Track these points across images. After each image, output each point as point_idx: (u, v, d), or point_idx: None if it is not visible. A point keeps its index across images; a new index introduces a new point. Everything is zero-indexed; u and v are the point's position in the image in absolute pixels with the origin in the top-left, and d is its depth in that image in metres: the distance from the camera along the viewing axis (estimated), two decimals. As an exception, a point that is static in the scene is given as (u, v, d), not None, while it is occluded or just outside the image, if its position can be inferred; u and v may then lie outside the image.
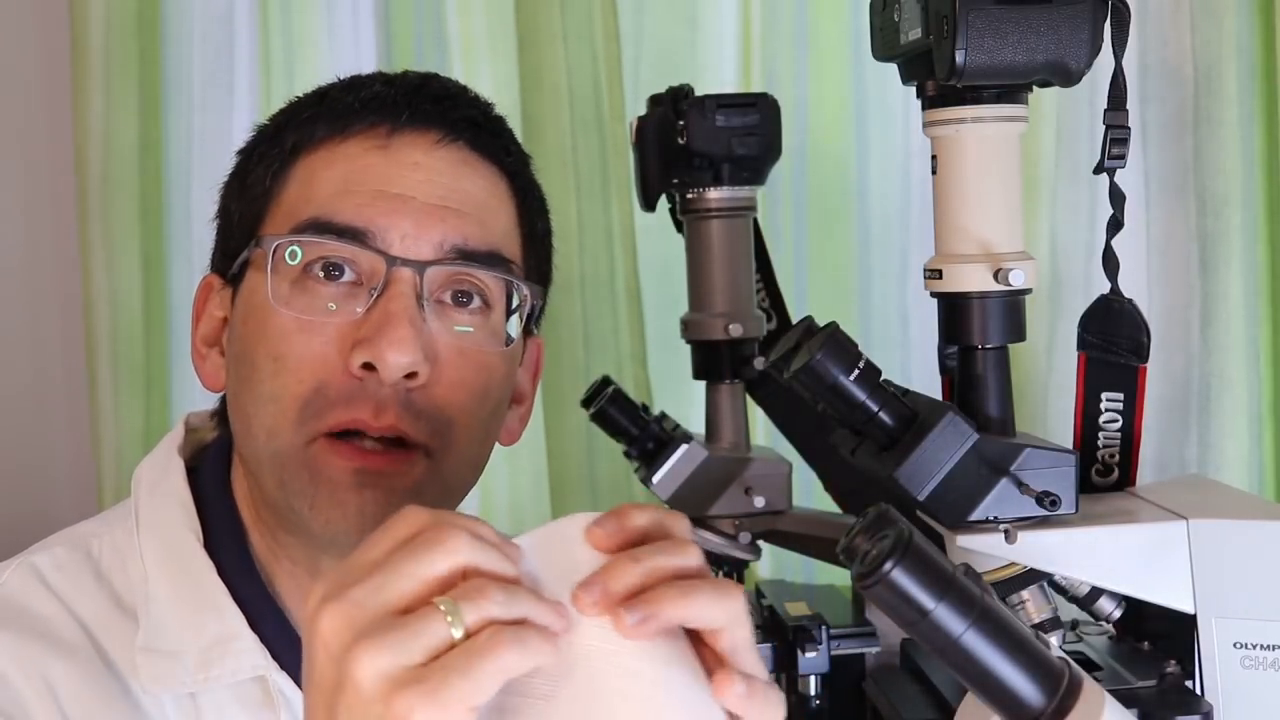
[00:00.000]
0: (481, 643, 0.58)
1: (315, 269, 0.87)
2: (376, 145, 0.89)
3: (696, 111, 1.13)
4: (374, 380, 0.84)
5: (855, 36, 1.57)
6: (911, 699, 1.00)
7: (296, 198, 0.90)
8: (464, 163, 0.91)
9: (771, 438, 1.44)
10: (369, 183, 0.88)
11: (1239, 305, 1.40)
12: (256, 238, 0.89)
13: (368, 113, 0.90)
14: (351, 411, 0.84)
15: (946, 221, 0.89)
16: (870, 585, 0.68)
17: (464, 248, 0.88)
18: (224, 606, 0.88)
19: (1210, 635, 0.86)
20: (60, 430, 1.83)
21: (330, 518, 0.85)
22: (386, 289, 0.85)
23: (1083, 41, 0.84)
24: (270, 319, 0.87)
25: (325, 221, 0.87)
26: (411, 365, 0.84)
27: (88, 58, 1.69)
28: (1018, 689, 0.69)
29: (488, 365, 0.90)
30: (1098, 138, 0.97)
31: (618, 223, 1.61)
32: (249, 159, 0.94)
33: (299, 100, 0.96)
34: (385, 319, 0.84)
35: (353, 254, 0.86)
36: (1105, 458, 0.96)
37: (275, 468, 0.86)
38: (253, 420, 0.87)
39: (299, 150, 0.91)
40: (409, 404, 0.85)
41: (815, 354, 0.82)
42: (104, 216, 1.70)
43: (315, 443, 0.85)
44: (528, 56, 1.63)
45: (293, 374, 0.85)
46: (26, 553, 0.90)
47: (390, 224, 0.87)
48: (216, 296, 0.95)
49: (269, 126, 0.95)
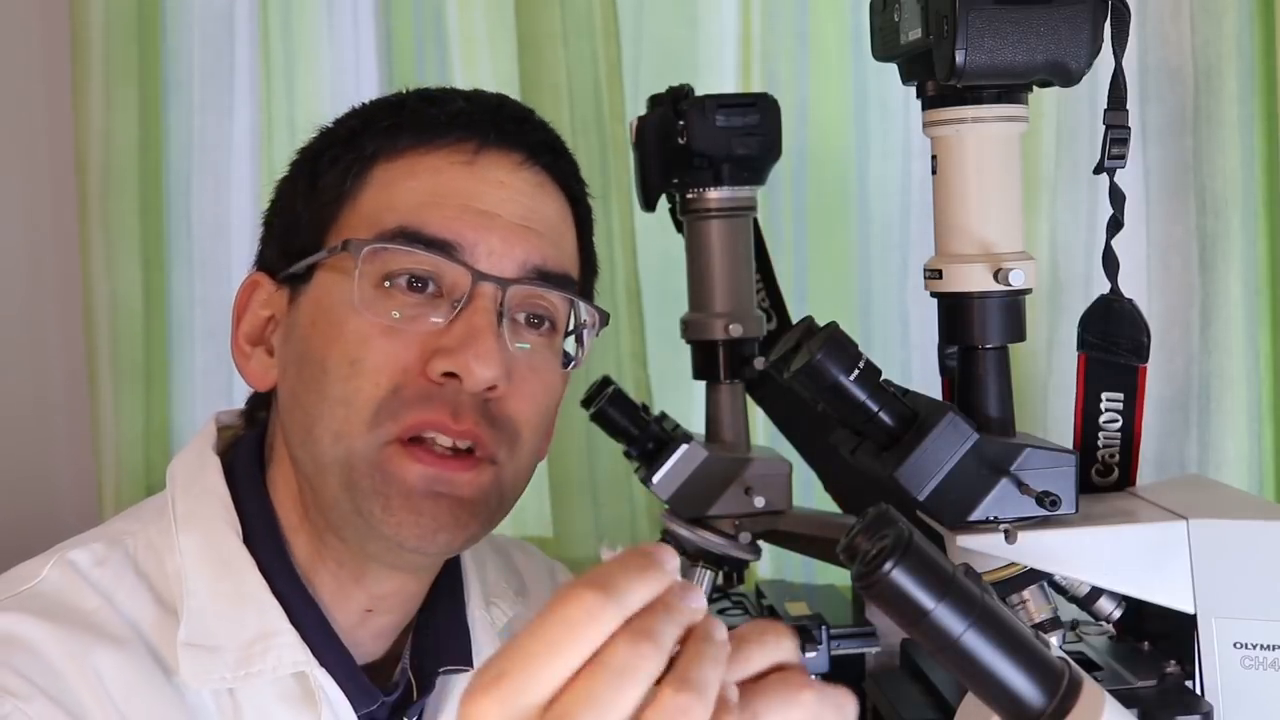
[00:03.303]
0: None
1: (400, 278, 0.88)
2: (463, 161, 0.91)
3: (696, 111, 1.13)
4: (453, 387, 0.86)
5: (855, 36, 1.57)
6: (911, 699, 1.00)
7: (378, 204, 0.90)
8: (541, 186, 0.94)
9: (771, 438, 1.44)
10: (456, 196, 0.89)
11: (1239, 305, 1.40)
12: (343, 241, 0.89)
13: (455, 128, 0.92)
14: (430, 412, 0.86)
15: (946, 221, 0.89)
16: (870, 585, 0.68)
17: (543, 268, 0.91)
18: (265, 603, 0.89)
19: (1210, 635, 0.86)
20: (60, 430, 1.83)
21: (403, 521, 0.86)
22: (471, 302, 0.87)
23: (1083, 41, 0.84)
24: (347, 322, 0.88)
25: (414, 231, 0.88)
26: (495, 379, 0.86)
27: (88, 58, 1.69)
28: (1018, 689, 0.69)
29: (553, 384, 0.93)
30: (1098, 138, 0.97)
31: (618, 223, 1.61)
32: (319, 161, 0.94)
33: (373, 106, 0.96)
34: (471, 332, 0.86)
35: (437, 265, 0.88)
36: (1105, 458, 0.96)
37: (343, 470, 0.87)
38: (316, 423, 0.88)
39: (378, 157, 0.92)
40: (486, 412, 0.87)
41: (815, 354, 0.82)
42: (104, 216, 1.70)
43: (389, 446, 0.86)
44: (528, 56, 1.63)
45: (369, 377, 0.86)
46: (60, 548, 0.91)
47: (479, 239, 0.88)
48: (264, 295, 0.95)
49: (340, 130, 0.96)
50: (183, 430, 1.73)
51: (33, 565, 0.90)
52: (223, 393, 1.73)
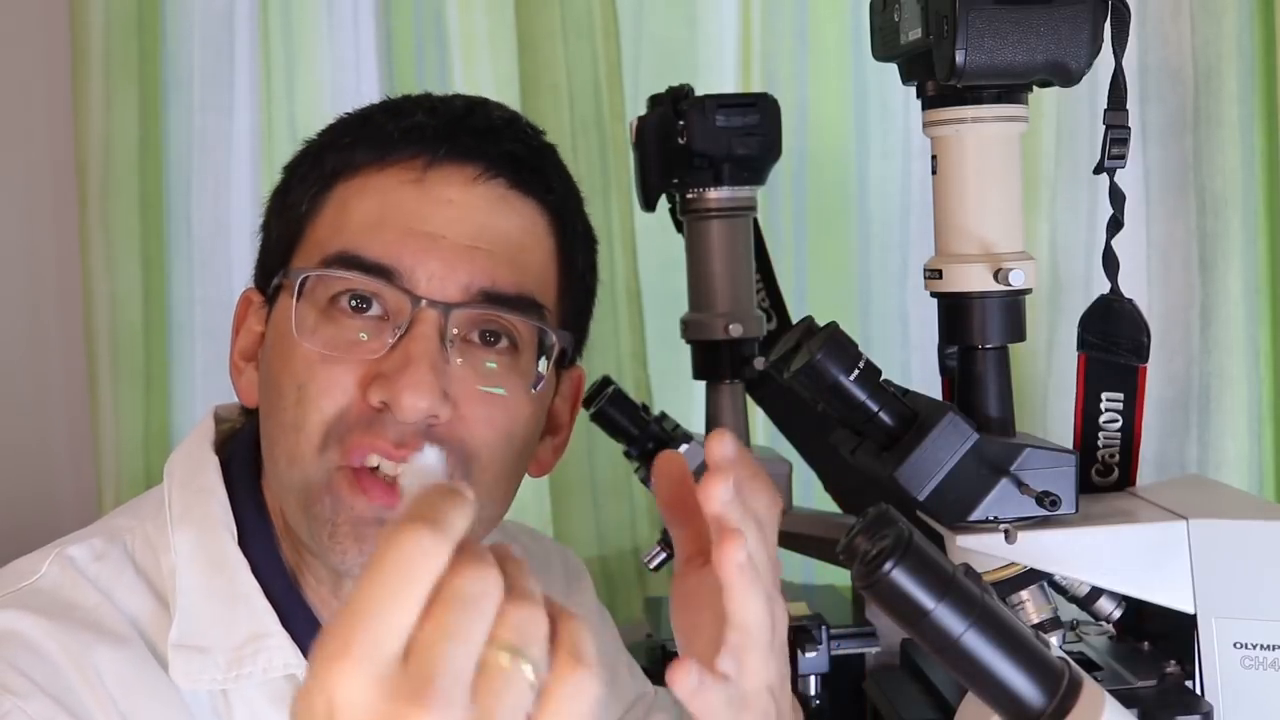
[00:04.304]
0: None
1: (343, 300, 0.87)
2: (412, 179, 0.88)
3: (696, 111, 1.13)
4: (392, 414, 0.84)
5: (855, 36, 1.57)
6: (911, 699, 1.00)
7: (329, 227, 0.89)
8: (501, 200, 0.90)
9: (771, 438, 1.44)
10: (400, 219, 0.87)
11: (1239, 305, 1.40)
12: (285, 268, 0.89)
13: (406, 143, 0.89)
14: (372, 437, 0.84)
15: (946, 221, 0.89)
16: (870, 585, 0.68)
17: (491, 290, 0.87)
18: (257, 604, 0.88)
19: (1210, 635, 0.86)
20: (60, 430, 1.83)
21: (348, 549, 0.85)
22: (410, 329, 0.85)
23: (1083, 41, 0.84)
24: (296, 347, 0.87)
25: (354, 256, 0.87)
26: (429, 410, 0.83)
27: (88, 58, 1.69)
28: (1018, 689, 0.69)
29: (513, 406, 0.88)
30: (1098, 138, 0.97)
31: (618, 223, 1.61)
32: (291, 177, 0.94)
33: (344, 120, 0.95)
34: (405, 360, 0.84)
35: (379, 289, 0.86)
36: (1105, 458, 0.96)
37: (300, 495, 0.86)
38: (275, 446, 0.88)
39: (337, 176, 0.90)
40: (431, 436, 0.85)
41: (815, 354, 0.82)
42: (104, 216, 1.70)
43: (339, 472, 0.85)
44: (528, 56, 1.63)
45: (314, 403, 0.85)
46: (58, 543, 0.90)
47: (417, 263, 0.86)
48: (255, 312, 0.95)
49: (313, 145, 0.94)
50: (182, 430, 1.73)
51: (31, 560, 0.90)
52: (223, 393, 1.71)
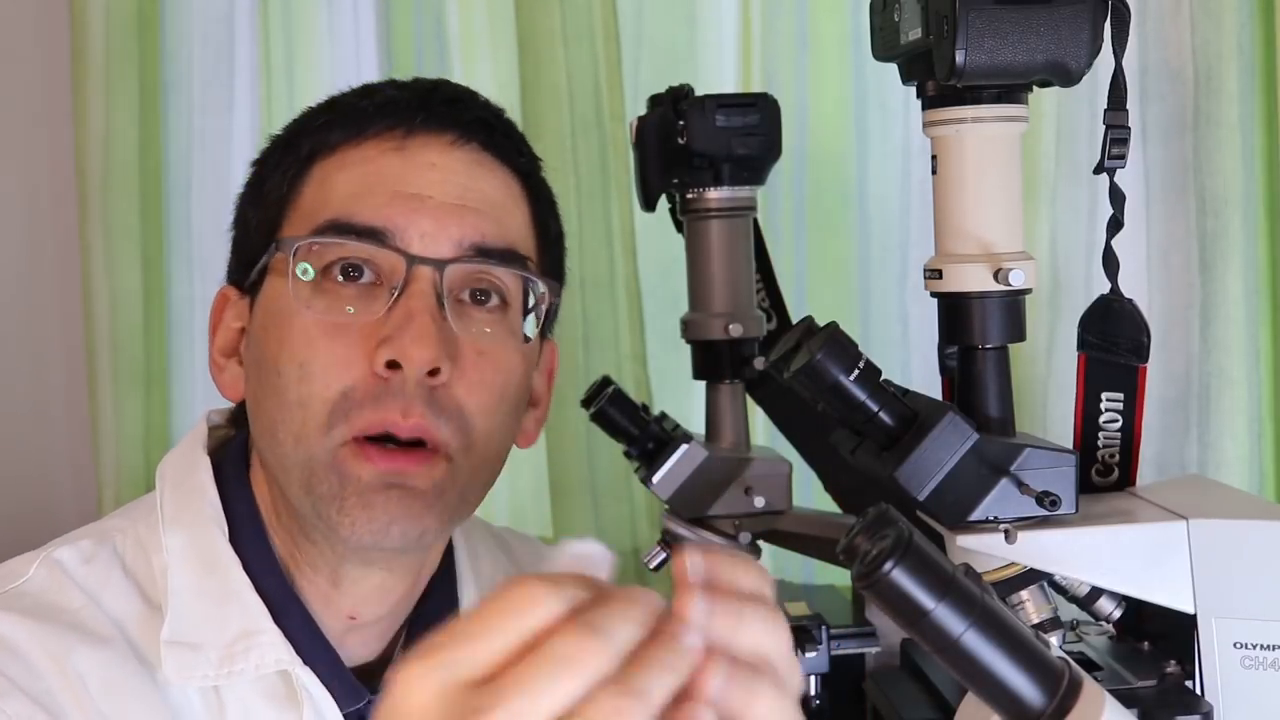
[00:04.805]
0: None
1: (334, 271, 0.88)
2: (393, 147, 0.91)
3: (696, 111, 1.13)
4: (399, 380, 0.85)
5: (855, 36, 1.57)
6: (911, 699, 1.00)
7: (314, 201, 0.90)
8: (479, 163, 0.93)
9: (771, 438, 1.44)
10: (386, 184, 0.89)
11: (1239, 305, 1.40)
12: (276, 241, 0.90)
13: (382, 116, 0.91)
14: (380, 412, 0.86)
15: (946, 221, 0.89)
16: (870, 585, 0.68)
17: (482, 245, 0.90)
18: (248, 601, 0.89)
19: (1210, 635, 0.86)
20: (60, 430, 1.83)
21: (357, 518, 0.86)
22: (407, 287, 0.86)
23: (1083, 41, 0.84)
24: (293, 323, 0.88)
25: (344, 222, 0.88)
26: (434, 361, 0.85)
27: (88, 58, 1.69)
28: (1018, 689, 0.69)
29: (507, 365, 0.91)
30: (1098, 138, 0.97)
31: (618, 223, 1.61)
32: (264, 168, 0.95)
33: (311, 109, 0.97)
34: (407, 316, 0.85)
35: (371, 254, 0.87)
36: (1105, 458, 0.96)
37: (304, 473, 0.87)
38: (279, 426, 0.88)
39: (315, 156, 0.92)
40: (432, 402, 0.86)
41: (815, 354, 0.82)
42: (104, 217, 1.70)
43: (344, 447, 0.86)
44: (528, 56, 1.63)
45: (319, 379, 0.86)
46: (48, 546, 0.91)
47: (409, 223, 0.88)
48: (233, 308, 0.95)
49: (283, 135, 0.96)
50: (182, 431, 1.73)
51: (20, 563, 0.90)
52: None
